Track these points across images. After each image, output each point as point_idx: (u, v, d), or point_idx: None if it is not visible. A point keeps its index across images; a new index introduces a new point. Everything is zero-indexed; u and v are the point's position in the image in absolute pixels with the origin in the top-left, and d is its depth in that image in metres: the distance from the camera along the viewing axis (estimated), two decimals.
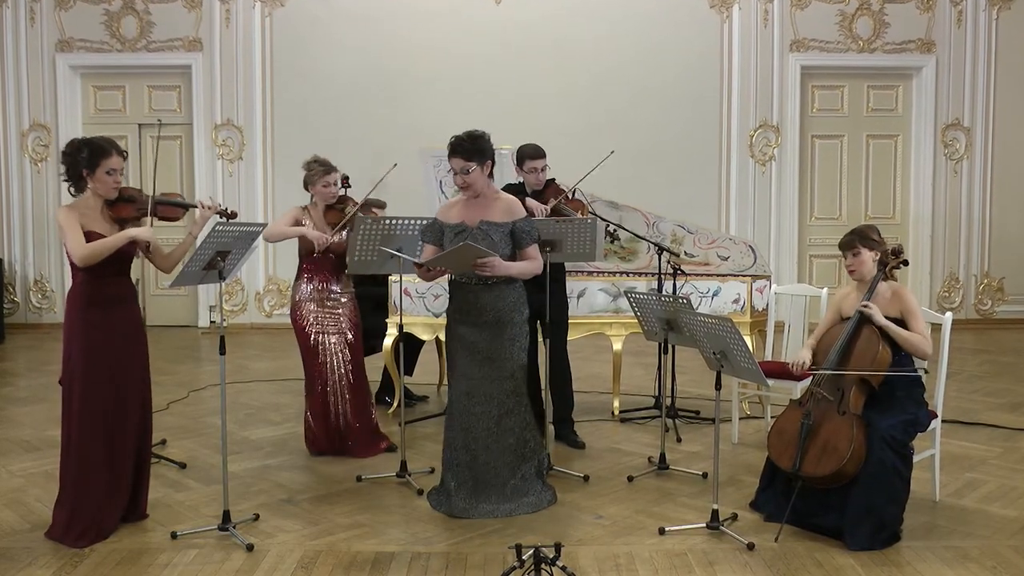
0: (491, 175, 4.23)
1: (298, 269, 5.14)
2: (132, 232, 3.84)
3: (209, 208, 4.04)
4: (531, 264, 4.22)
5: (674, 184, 9.60)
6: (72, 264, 3.84)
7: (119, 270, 3.91)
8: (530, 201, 5.08)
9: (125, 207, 3.94)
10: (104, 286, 3.86)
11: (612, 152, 5.27)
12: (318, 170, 5.07)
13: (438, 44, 9.63)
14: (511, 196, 4.38)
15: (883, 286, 4.10)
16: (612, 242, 5.54)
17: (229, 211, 4.19)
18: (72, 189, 3.90)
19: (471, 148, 4.11)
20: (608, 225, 5.51)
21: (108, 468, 3.85)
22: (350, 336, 5.08)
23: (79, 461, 3.80)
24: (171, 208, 4.08)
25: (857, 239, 4.08)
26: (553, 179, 5.31)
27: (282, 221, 5.11)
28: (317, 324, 5.04)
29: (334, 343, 5.04)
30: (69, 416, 3.83)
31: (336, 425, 5.05)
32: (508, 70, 9.62)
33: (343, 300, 5.11)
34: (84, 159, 3.82)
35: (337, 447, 5.08)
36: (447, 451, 4.27)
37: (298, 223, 5.06)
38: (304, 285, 5.08)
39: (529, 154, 5.21)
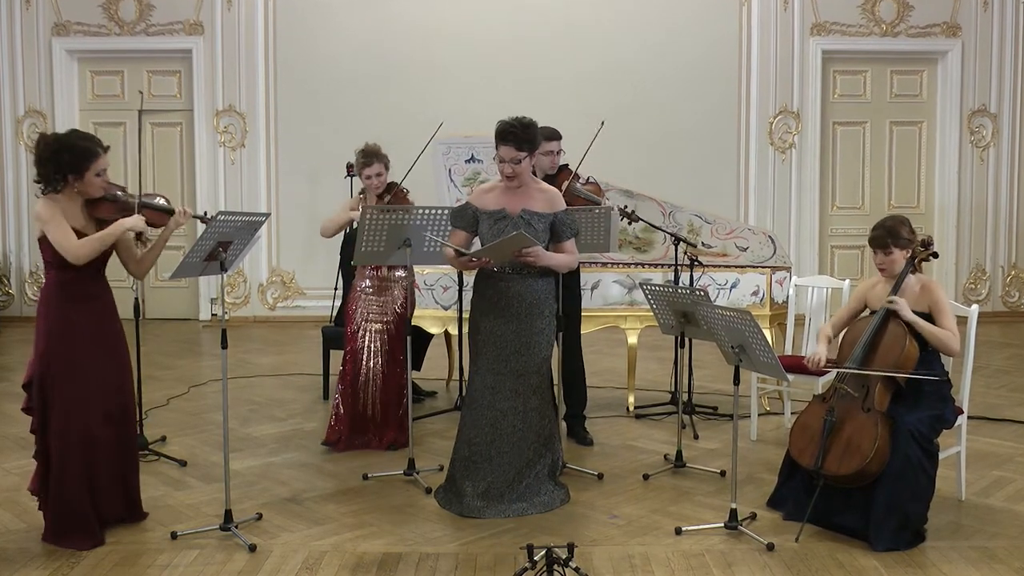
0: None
1: None
2: (126, 223, 3.73)
3: (183, 213, 3.89)
4: (569, 258, 4.18)
5: (691, 172, 9.48)
6: (47, 261, 3.70)
7: (97, 269, 3.78)
8: None
9: (106, 206, 3.79)
10: (81, 285, 3.73)
11: (603, 123, 5.14)
12: (359, 161, 5.16)
13: (447, 28, 9.50)
14: (553, 187, 4.31)
15: (911, 279, 4.00)
16: (631, 223, 5.42)
17: (208, 216, 4.02)
18: (44, 189, 3.68)
19: (523, 137, 4.02)
20: (626, 207, 5.40)
21: (94, 468, 3.75)
22: (392, 327, 5.11)
23: (64, 464, 3.69)
24: (156, 213, 3.90)
25: (890, 239, 3.96)
26: (566, 164, 5.19)
27: (335, 212, 5.21)
28: (363, 313, 5.11)
29: (375, 330, 5.09)
30: (50, 418, 3.71)
31: (363, 413, 5.07)
32: (519, 55, 9.48)
33: (395, 287, 5.15)
34: (68, 164, 3.64)
35: (359, 437, 5.06)
36: (463, 448, 4.19)
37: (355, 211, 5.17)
38: (365, 274, 5.13)
39: (544, 136, 5.06)
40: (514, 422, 4.09)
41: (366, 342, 5.10)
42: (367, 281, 5.15)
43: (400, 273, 5.16)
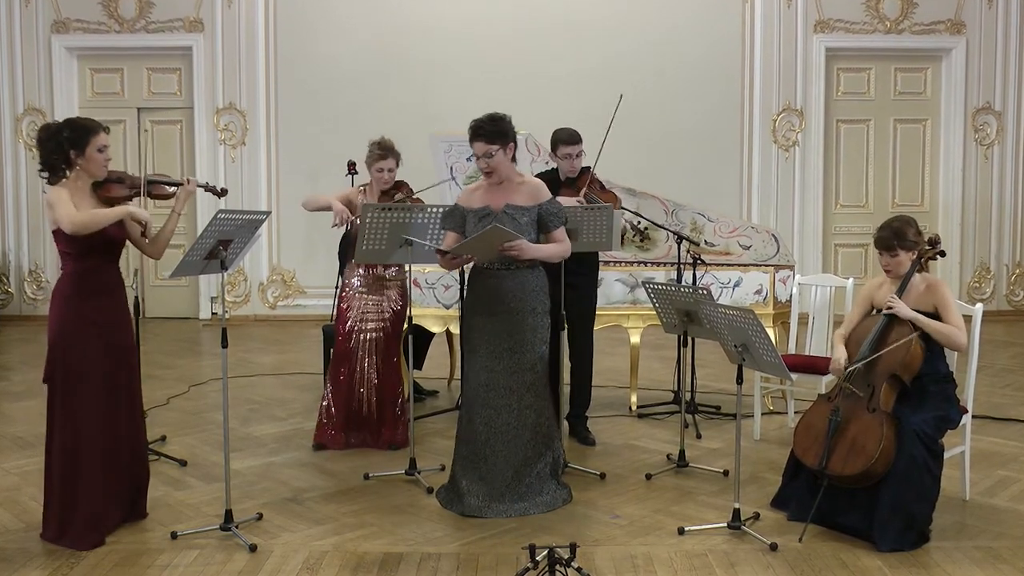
0: (514, 159, 4.14)
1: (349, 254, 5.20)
2: (131, 208, 3.72)
3: (188, 182, 3.93)
4: (560, 247, 4.15)
5: (694, 170, 9.44)
6: (61, 252, 3.70)
7: (110, 257, 3.78)
8: (563, 199, 4.94)
9: (114, 187, 3.81)
10: (95, 275, 3.73)
11: (622, 96, 5.07)
12: (374, 153, 5.09)
13: (450, 24, 9.48)
14: (536, 179, 4.30)
15: (917, 278, 3.98)
16: (642, 240, 5.37)
17: (219, 188, 4.06)
18: (50, 178, 3.70)
19: (492, 131, 4.02)
20: (639, 222, 5.33)
21: (101, 467, 3.73)
22: (388, 325, 5.08)
23: (70, 461, 3.68)
24: (164, 187, 3.97)
25: (896, 241, 3.93)
26: (589, 167, 5.15)
27: (328, 193, 5.16)
28: (358, 311, 5.06)
29: (371, 328, 5.05)
30: (57, 414, 3.69)
31: (358, 411, 5.03)
32: (520, 52, 9.45)
33: (392, 286, 5.11)
34: (69, 139, 3.64)
35: (353, 436, 5.04)
36: (461, 446, 4.18)
37: (349, 201, 5.10)
38: (357, 271, 5.10)
39: (563, 139, 5.04)
40: (508, 419, 4.07)
41: (362, 341, 5.04)
42: (358, 280, 5.10)
43: (388, 274, 5.11)
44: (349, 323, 5.07)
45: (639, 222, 5.34)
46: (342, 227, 5.07)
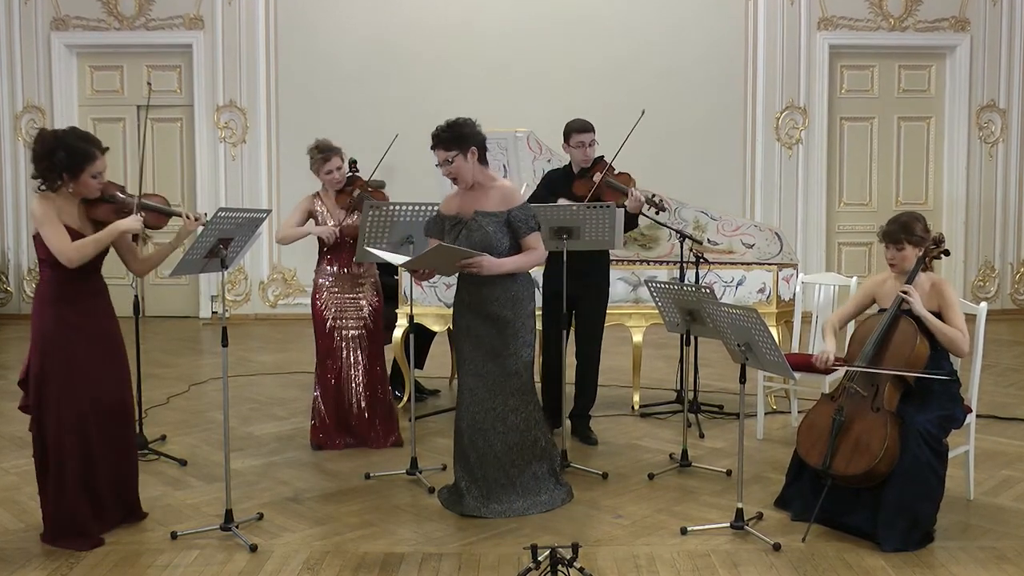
0: (481, 160, 4.03)
1: (319, 253, 5.13)
2: (121, 226, 3.68)
3: (194, 221, 3.86)
4: (528, 257, 4.01)
5: (697, 168, 9.43)
6: (42, 260, 3.65)
7: (93, 266, 3.73)
8: (578, 188, 4.97)
9: (103, 208, 3.74)
10: (76, 284, 3.68)
11: (644, 112, 5.04)
12: (317, 158, 5.01)
13: (450, 22, 9.46)
14: (508, 183, 4.20)
15: (921, 277, 3.97)
16: (658, 212, 5.34)
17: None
18: (42, 186, 3.63)
19: (448, 137, 3.95)
20: (654, 196, 5.31)
21: (88, 469, 3.71)
22: (370, 322, 5.05)
23: (58, 465, 3.65)
24: (156, 215, 3.89)
25: (903, 234, 3.92)
26: (602, 156, 5.13)
27: (291, 220, 5.08)
28: (336, 310, 5.02)
29: (352, 326, 5.03)
30: (44, 418, 3.67)
31: (348, 410, 5.01)
32: (521, 50, 9.42)
33: (366, 284, 5.08)
34: (63, 162, 3.57)
35: (347, 436, 5.02)
36: (457, 447, 4.17)
37: (309, 214, 5.06)
38: (326, 269, 5.06)
39: (576, 127, 5.02)
40: (494, 423, 4.04)
41: (345, 337, 5.01)
42: (331, 278, 5.04)
43: (359, 272, 5.06)
44: (329, 322, 5.02)
45: (653, 195, 5.31)
46: (332, 239, 4.98)
